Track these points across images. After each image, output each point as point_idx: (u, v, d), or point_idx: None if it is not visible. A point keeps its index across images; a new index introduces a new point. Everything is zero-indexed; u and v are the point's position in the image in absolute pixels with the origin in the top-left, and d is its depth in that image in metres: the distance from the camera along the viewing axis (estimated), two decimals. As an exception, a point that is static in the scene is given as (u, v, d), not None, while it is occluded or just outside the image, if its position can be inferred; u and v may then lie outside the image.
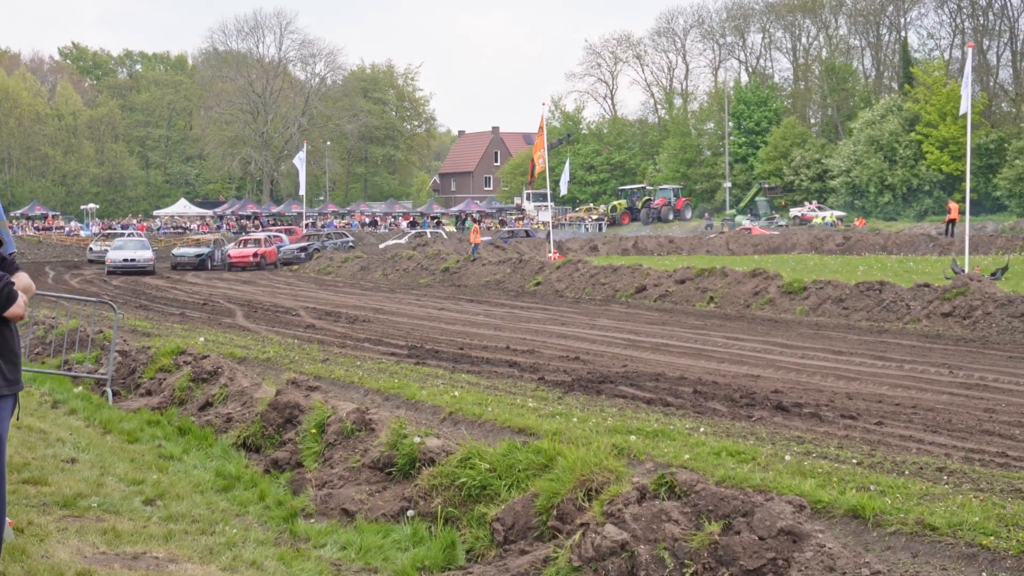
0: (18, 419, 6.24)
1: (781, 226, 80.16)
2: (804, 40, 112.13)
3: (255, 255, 59.21)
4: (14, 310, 5.98)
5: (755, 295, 29.39)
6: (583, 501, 7.65)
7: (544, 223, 77.70)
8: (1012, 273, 31.52)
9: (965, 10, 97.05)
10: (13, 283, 6.05)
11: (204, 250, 61.46)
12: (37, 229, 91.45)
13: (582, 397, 15.58)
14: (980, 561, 8.11)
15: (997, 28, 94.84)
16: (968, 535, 8.44)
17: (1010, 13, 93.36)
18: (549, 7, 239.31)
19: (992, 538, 8.32)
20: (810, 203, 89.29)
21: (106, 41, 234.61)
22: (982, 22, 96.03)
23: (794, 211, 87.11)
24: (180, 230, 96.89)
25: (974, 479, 10.35)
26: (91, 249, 68.19)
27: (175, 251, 63.45)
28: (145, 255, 55.54)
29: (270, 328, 26.51)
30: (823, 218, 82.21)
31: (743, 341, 22.46)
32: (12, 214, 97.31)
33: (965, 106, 30.77)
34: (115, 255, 55.64)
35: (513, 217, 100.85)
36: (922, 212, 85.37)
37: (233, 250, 60.40)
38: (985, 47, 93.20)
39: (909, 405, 14.52)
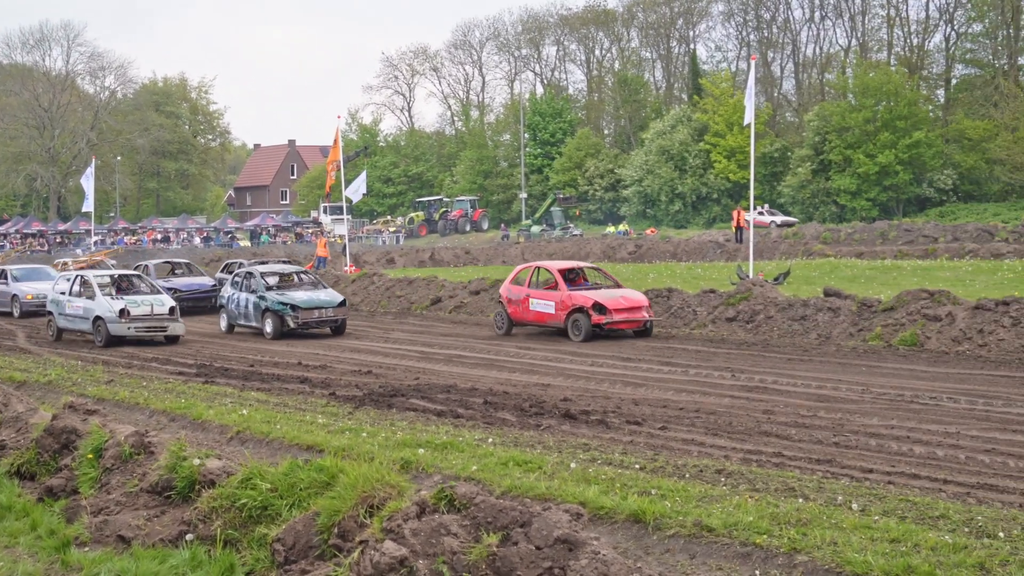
0: None
1: (576, 235, 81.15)
2: (598, 52, 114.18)
3: (648, 308, 25.37)
4: None
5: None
6: (365, 518, 7.61)
7: (341, 236, 77.01)
8: (794, 278, 32.53)
9: (751, 23, 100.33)
10: None
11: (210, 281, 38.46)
12: None
13: (373, 411, 15.50)
14: (754, 559, 8.34)
15: (781, 41, 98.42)
16: (743, 535, 8.68)
17: (792, 27, 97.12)
18: (346, 20, 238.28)
19: (765, 536, 8.58)
20: (762, 208, 79.80)
21: None
22: (766, 35, 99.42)
23: (749, 215, 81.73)
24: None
25: (751, 479, 10.66)
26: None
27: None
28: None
29: (52, 350, 25.65)
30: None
31: (534, 350, 22.69)
32: None
33: (749, 116, 31.57)
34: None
35: (310, 231, 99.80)
36: (711, 220, 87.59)
37: (606, 299, 24.94)
38: (770, 59, 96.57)
39: (692, 409, 14.88)
